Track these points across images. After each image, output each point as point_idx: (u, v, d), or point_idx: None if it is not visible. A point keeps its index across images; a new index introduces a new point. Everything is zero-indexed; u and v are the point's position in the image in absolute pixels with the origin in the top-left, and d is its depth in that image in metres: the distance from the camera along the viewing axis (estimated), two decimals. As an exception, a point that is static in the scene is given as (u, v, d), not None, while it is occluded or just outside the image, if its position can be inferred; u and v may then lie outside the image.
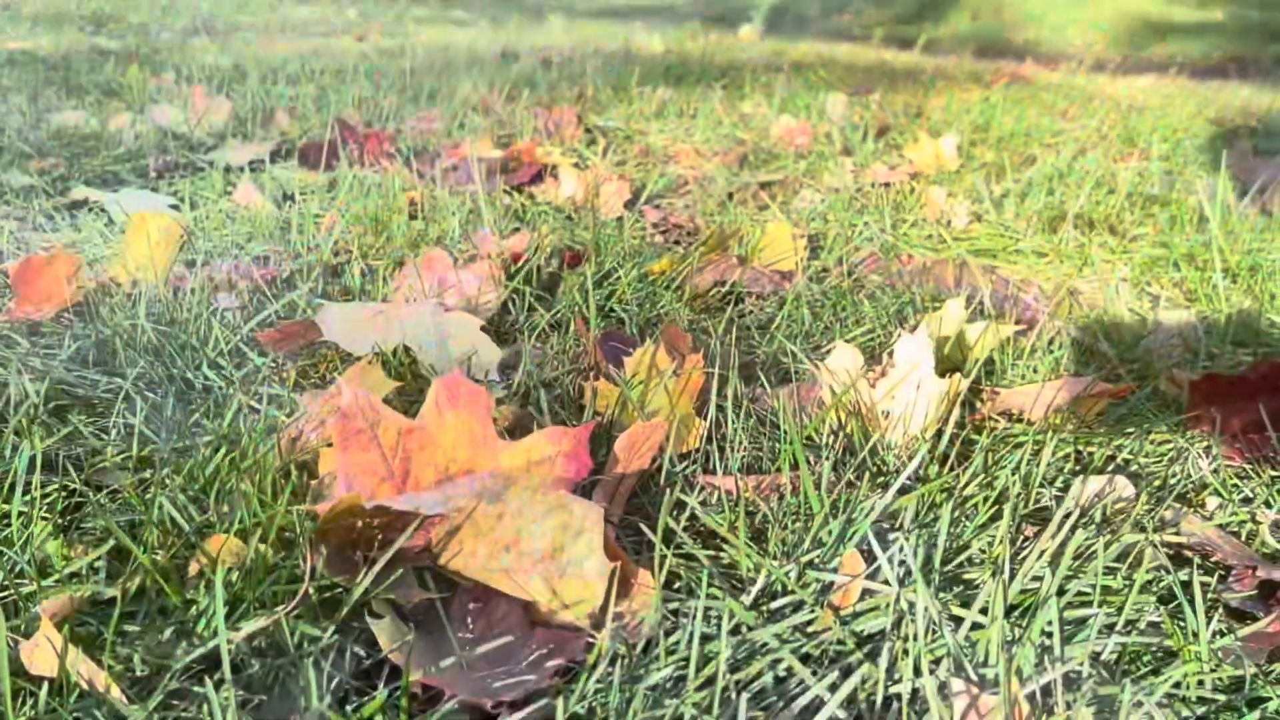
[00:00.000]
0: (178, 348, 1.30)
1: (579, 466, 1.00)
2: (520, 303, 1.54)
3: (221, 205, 2.08)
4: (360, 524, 0.90)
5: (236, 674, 0.79)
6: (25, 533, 0.92)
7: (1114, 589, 0.94)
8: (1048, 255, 2.10)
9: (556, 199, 2.25)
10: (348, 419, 0.96)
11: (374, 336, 1.28)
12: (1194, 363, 1.54)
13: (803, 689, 0.81)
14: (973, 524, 1.00)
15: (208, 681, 0.69)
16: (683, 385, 1.15)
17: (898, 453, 1.16)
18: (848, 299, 1.68)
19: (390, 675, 0.83)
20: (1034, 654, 0.83)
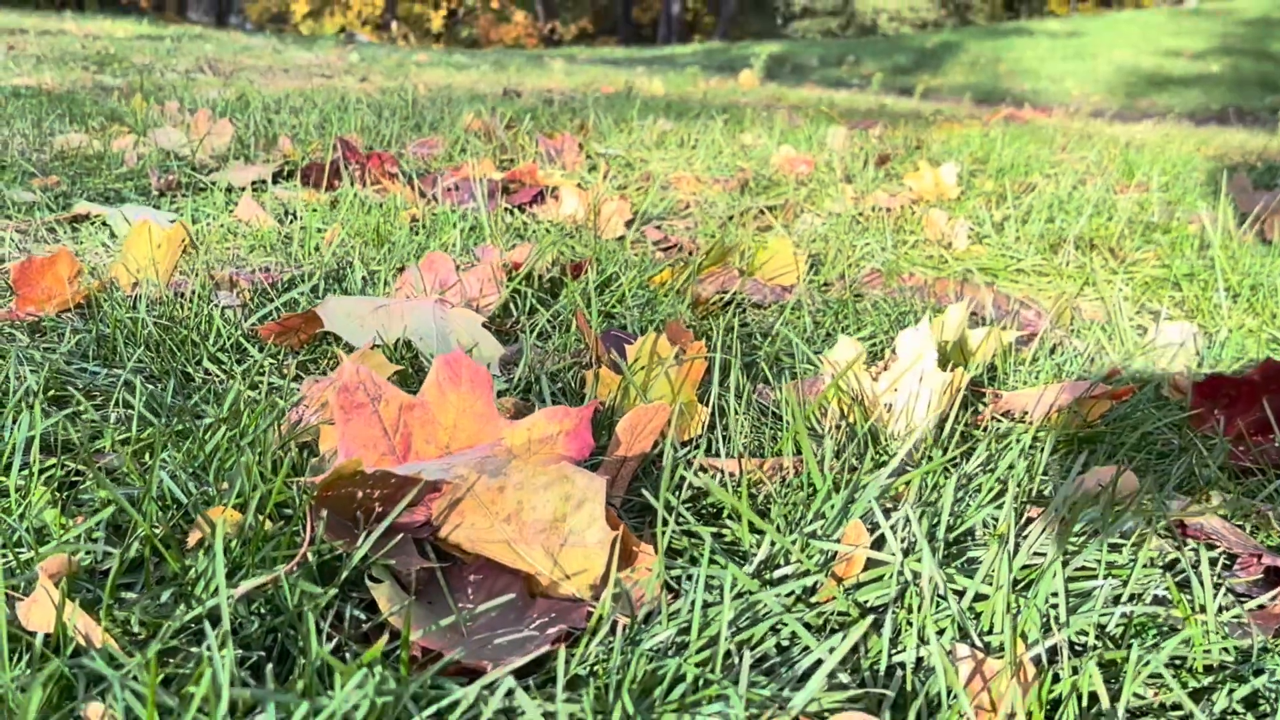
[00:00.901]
0: (178, 342, 1.30)
1: (581, 446, 1.00)
2: (521, 303, 1.53)
3: (223, 220, 2.08)
4: (360, 494, 0.89)
5: (234, 634, 0.78)
6: (23, 503, 0.91)
7: (1119, 564, 0.93)
8: (1049, 275, 2.11)
9: (558, 217, 2.26)
10: (349, 392, 0.96)
11: (375, 329, 1.27)
12: (1196, 370, 1.54)
13: (805, 653, 0.81)
14: (976, 503, 0.99)
15: (209, 631, 0.68)
16: (685, 373, 1.15)
17: (900, 442, 1.15)
18: (849, 308, 1.68)
19: (390, 640, 0.82)
20: (1039, 622, 0.82)
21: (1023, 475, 1.04)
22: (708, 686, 0.75)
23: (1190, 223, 2.58)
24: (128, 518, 0.93)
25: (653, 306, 1.59)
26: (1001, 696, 0.75)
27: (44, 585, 0.76)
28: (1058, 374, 1.47)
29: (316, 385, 1.14)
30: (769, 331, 1.56)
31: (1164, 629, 0.87)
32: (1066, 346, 1.61)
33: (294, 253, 1.83)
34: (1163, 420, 1.31)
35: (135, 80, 4.70)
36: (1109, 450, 1.22)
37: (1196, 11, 22.56)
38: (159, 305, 1.41)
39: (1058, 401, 1.30)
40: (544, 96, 4.89)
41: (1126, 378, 1.47)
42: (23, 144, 2.69)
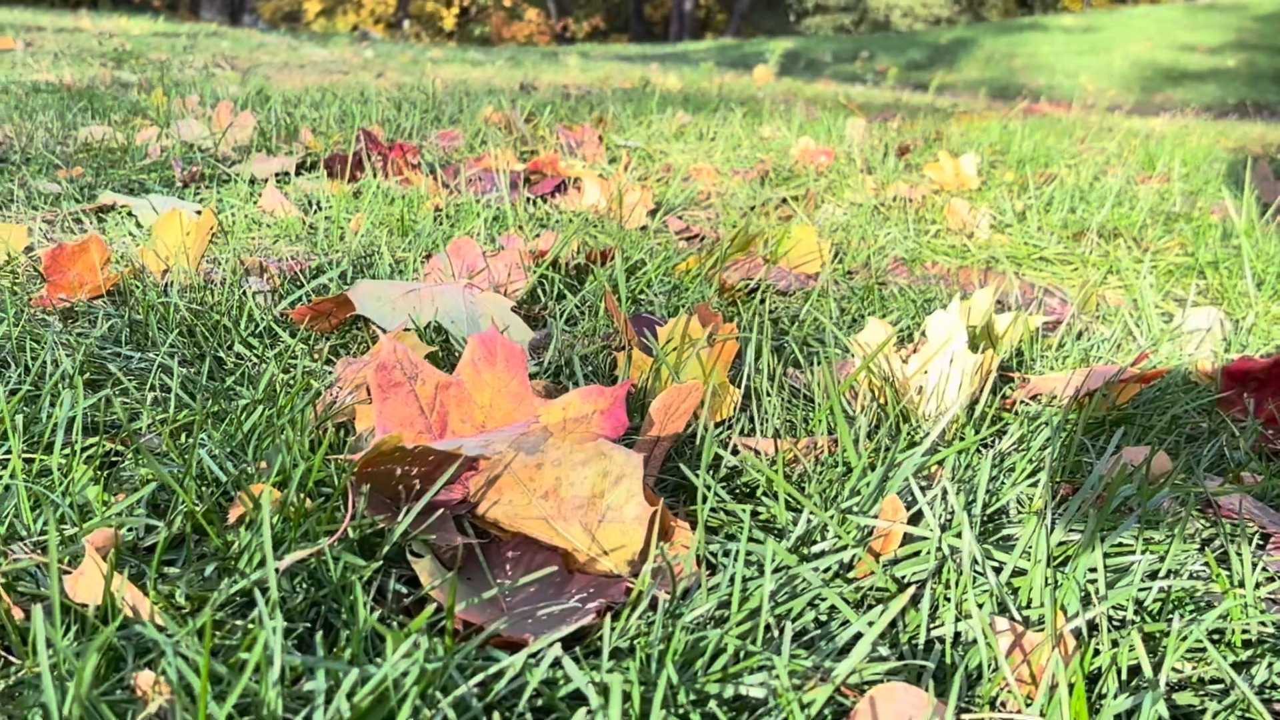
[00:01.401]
0: (209, 327, 1.31)
1: (615, 424, 1.00)
2: (549, 289, 1.54)
3: (248, 211, 2.09)
4: (399, 470, 0.90)
5: (279, 606, 0.78)
6: (65, 480, 0.92)
7: (1155, 540, 0.93)
8: (1072, 263, 2.10)
9: (580, 207, 2.26)
10: (386, 370, 0.97)
11: (406, 312, 1.28)
12: (1225, 354, 1.54)
13: (845, 627, 0.81)
14: (1010, 481, 0.99)
15: (259, 599, 0.69)
16: (717, 354, 1.15)
17: (931, 423, 1.16)
18: (874, 294, 1.68)
19: (431, 614, 0.82)
20: (1078, 595, 0.82)
21: (1056, 454, 1.04)
22: (749, 657, 0.76)
23: (1212, 212, 2.58)
24: (167, 497, 0.94)
25: (679, 293, 1.59)
26: (1042, 668, 0.75)
27: (91, 558, 0.77)
28: (1085, 359, 1.47)
29: (350, 367, 1.14)
30: (796, 317, 1.56)
31: (1201, 604, 0.87)
32: (1093, 332, 1.61)
33: (320, 242, 1.84)
34: (1192, 404, 1.30)
35: (153, 76, 4.71)
36: (1139, 433, 1.22)
37: (1212, 6, 22.45)
38: (190, 291, 1.42)
39: (1086, 385, 1.30)
40: (561, 91, 4.90)
41: (1154, 362, 1.47)
42: (46, 137, 2.71)
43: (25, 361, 1.19)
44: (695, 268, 1.71)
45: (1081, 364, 1.45)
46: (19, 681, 0.71)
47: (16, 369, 1.18)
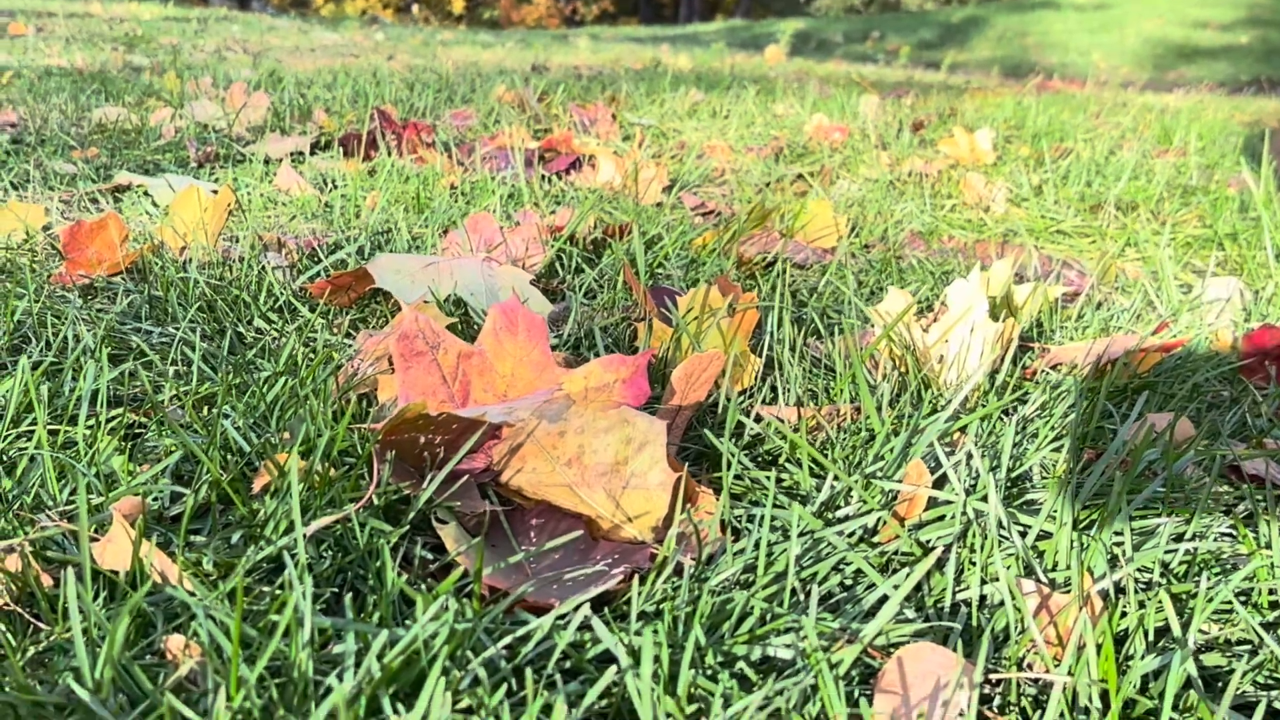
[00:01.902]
0: (229, 302, 1.31)
1: (637, 393, 1.00)
2: (567, 263, 1.54)
3: (263, 190, 2.09)
4: (423, 439, 0.90)
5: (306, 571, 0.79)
6: (90, 451, 0.92)
7: (1180, 502, 0.93)
8: (1090, 235, 2.10)
9: (595, 184, 2.26)
10: (409, 340, 0.97)
11: (426, 285, 1.28)
12: (1244, 324, 1.53)
13: (870, 590, 0.81)
14: (1034, 447, 0.99)
15: (289, 562, 0.69)
16: (737, 323, 1.15)
17: (952, 391, 1.15)
18: (892, 266, 1.67)
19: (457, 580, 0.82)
20: (1104, 557, 0.82)
21: (1079, 420, 1.03)
22: (776, 619, 0.76)
23: (1229, 185, 2.57)
24: (191, 468, 0.94)
25: (696, 266, 1.59)
26: (1069, 630, 0.75)
27: (119, 525, 0.77)
28: (1105, 329, 1.47)
29: (371, 339, 1.14)
30: (814, 289, 1.56)
31: (1227, 566, 0.87)
32: (1112, 303, 1.61)
33: (336, 219, 1.84)
34: (1213, 372, 1.30)
35: (165, 60, 4.71)
36: (1160, 400, 1.21)
37: (1224, -18, 22.28)
38: (209, 267, 1.42)
39: (1107, 354, 1.29)
40: (572, 72, 4.89)
41: (1174, 332, 1.47)
42: (61, 118, 2.71)
43: (46, 337, 1.20)
44: (712, 242, 1.71)
45: (1101, 334, 1.44)
46: (49, 647, 0.71)
47: (38, 344, 1.18)
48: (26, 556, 0.74)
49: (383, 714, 0.64)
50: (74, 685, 0.62)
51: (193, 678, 0.67)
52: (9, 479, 0.88)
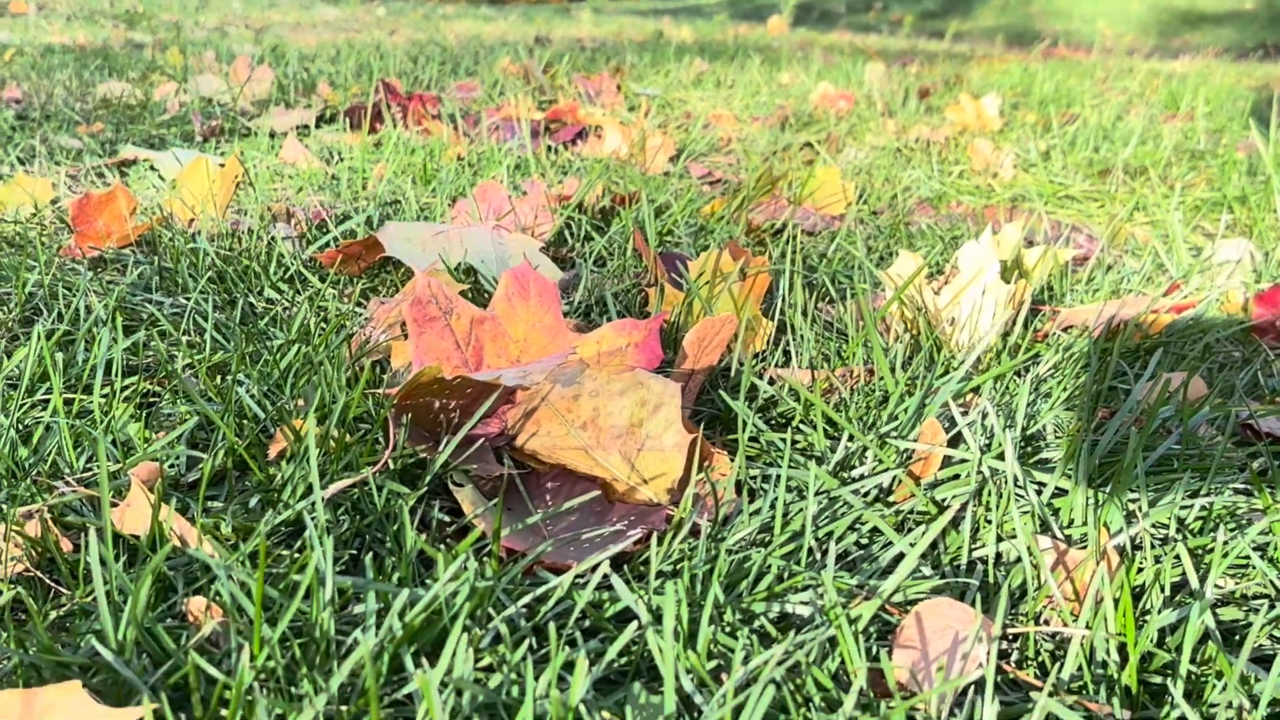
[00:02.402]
0: (239, 272, 1.31)
1: (650, 357, 1.00)
2: (576, 231, 1.54)
3: (269, 163, 2.08)
4: (437, 403, 0.90)
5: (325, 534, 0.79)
6: (106, 419, 0.92)
7: (1196, 455, 0.93)
8: (1099, 200, 2.09)
9: (601, 154, 2.26)
10: (422, 305, 0.97)
11: (436, 253, 1.28)
12: (1255, 285, 1.53)
13: (886, 549, 0.81)
14: (1047, 406, 0.99)
15: (309, 522, 0.69)
16: (749, 287, 1.15)
17: (964, 353, 1.15)
18: (901, 232, 1.67)
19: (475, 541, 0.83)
20: (1120, 513, 0.82)
21: (1093, 380, 1.03)
22: (793, 577, 0.76)
23: (1238, 149, 2.56)
24: (205, 436, 0.95)
25: (705, 234, 1.59)
26: (1085, 585, 0.75)
27: (138, 490, 0.77)
28: (1115, 291, 1.47)
29: (383, 307, 1.14)
30: (824, 254, 1.56)
31: (1242, 522, 0.87)
32: (1122, 265, 1.60)
33: (343, 191, 1.84)
34: (1224, 332, 1.30)
35: (166, 36, 4.70)
36: (1173, 360, 1.21)
37: (1229, -52, 22.13)
38: (218, 238, 1.42)
39: (1119, 316, 1.29)
40: (575, 44, 4.87)
41: (1185, 293, 1.46)
42: (65, 94, 2.70)
43: (58, 309, 1.20)
44: (720, 210, 1.71)
45: (1112, 297, 1.44)
46: (69, 612, 0.71)
47: (50, 315, 1.18)
48: (46, 522, 0.75)
49: (404, 672, 0.64)
50: (98, 646, 0.63)
51: (214, 639, 0.68)
52: (25, 447, 0.88)
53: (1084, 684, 0.69)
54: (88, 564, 0.74)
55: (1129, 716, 0.67)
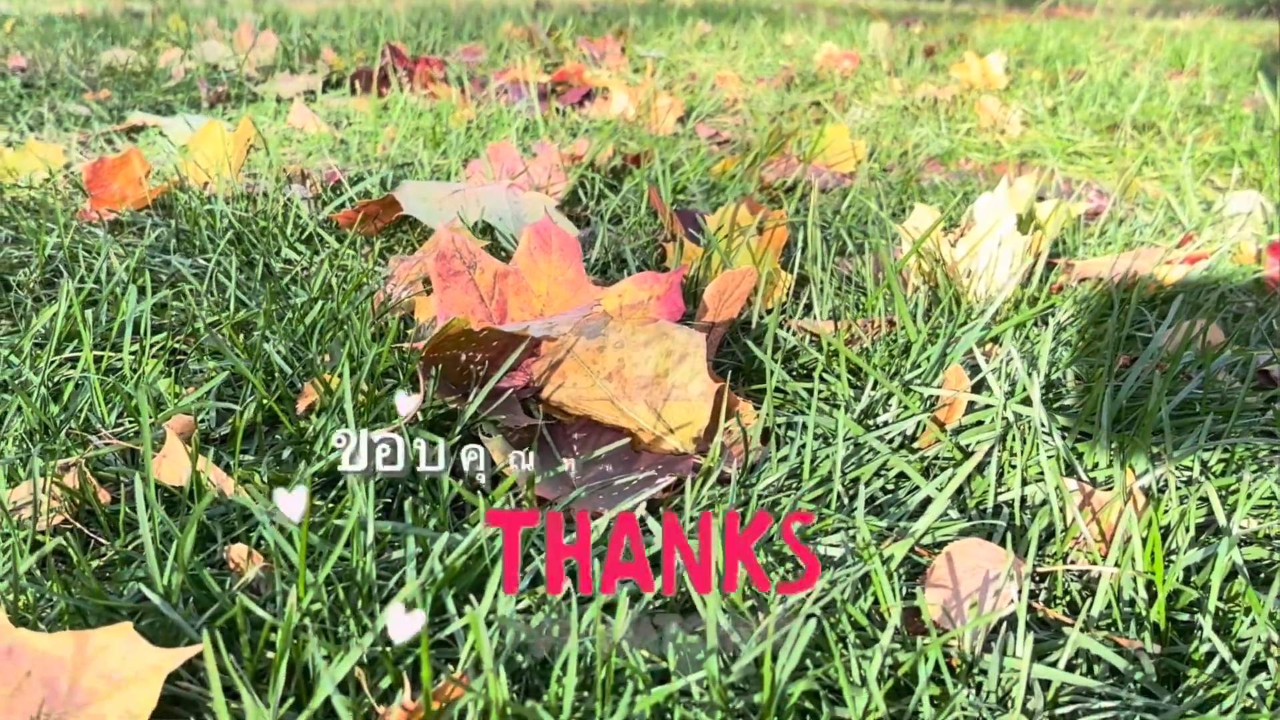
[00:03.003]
0: (256, 233, 1.31)
1: (671, 310, 1.01)
2: (590, 190, 1.54)
3: (277, 128, 2.08)
4: (463, 356, 0.91)
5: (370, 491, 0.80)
6: (135, 375, 0.93)
7: (1218, 399, 0.94)
8: (1107, 155, 2.09)
9: (609, 115, 2.25)
10: (446, 259, 0.97)
11: (453, 212, 1.28)
12: (1266, 236, 1.53)
13: (913, 493, 0.82)
14: (1068, 354, 1.00)
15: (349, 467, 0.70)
16: (767, 240, 1.16)
17: (982, 304, 1.16)
18: (913, 187, 1.67)
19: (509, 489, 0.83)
20: (1145, 457, 0.83)
21: (1115, 325, 1.04)
22: (823, 520, 0.77)
23: (1244, 104, 2.56)
24: (233, 392, 0.95)
25: (718, 191, 1.59)
26: (1112, 526, 0.76)
27: (174, 441, 0.78)
28: (1129, 244, 1.47)
29: (404, 264, 1.15)
30: (837, 210, 1.56)
31: (1264, 464, 0.88)
32: (1134, 218, 1.61)
33: (353, 154, 1.84)
34: (1238, 282, 1.30)
35: (165, 3, 4.68)
36: (1189, 310, 1.22)
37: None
38: (233, 201, 1.42)
39: (1134, 267, 1.30)
40: (576, 8, 4.84)
41: (1198, 245, 1.47)
42: (69, 62, 2.70)
43: (80, 271, 1.20)
44: (732, 168, 1.71)
45: (1126, 249, 1.45)
46: (110, 561, 0.72)
47: (71, 278, 1.19)
48: (84, 473, 0.75)
49: (445, 614, 0.65)
50: (145, 590, 0.64)
51: (256, 584, 0.68)
52: (55, 405, 0.89)
53: (1113, 621, 0.71)
54: (128, 513, 0.75)
55: (1159, 650, 0.68)
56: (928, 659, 0.62)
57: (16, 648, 0.57)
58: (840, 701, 0.62)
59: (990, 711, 0.62)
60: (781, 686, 0.59)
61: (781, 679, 0.58)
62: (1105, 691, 0.65)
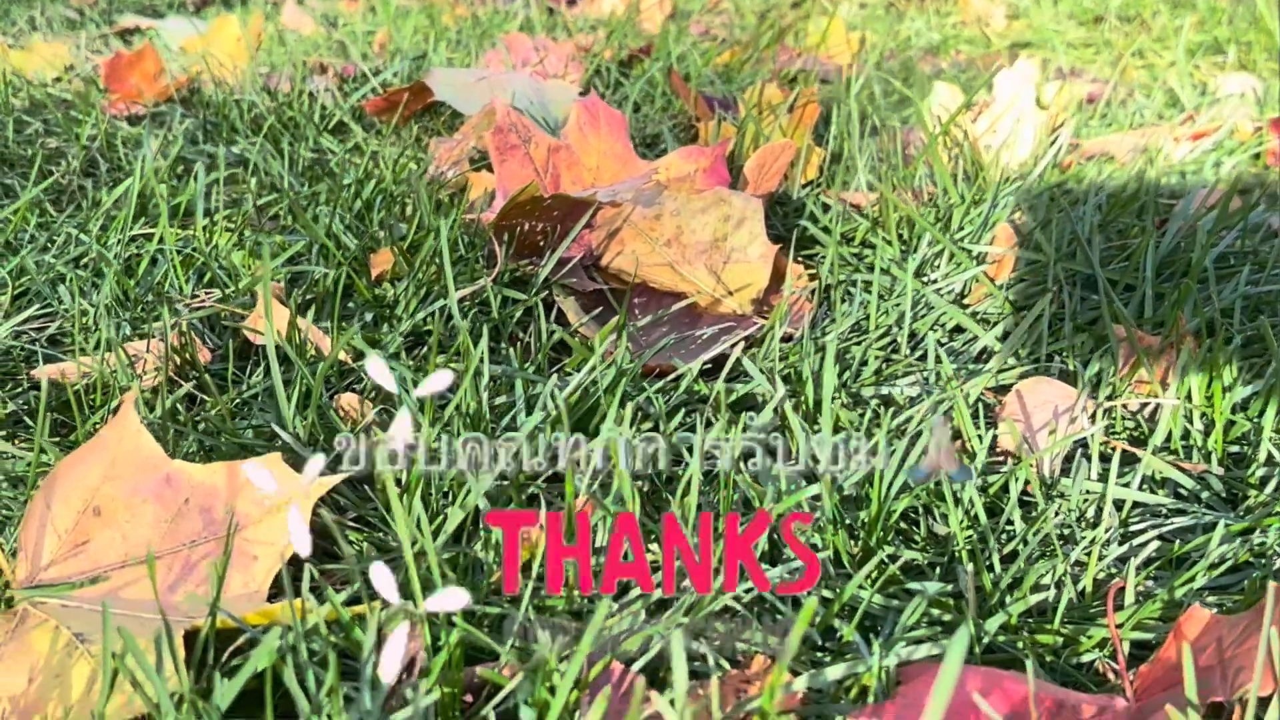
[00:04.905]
0: (283, 123, 1.32)
1: (717, 181, 1.04)
2: (606, 78, 1.56)
3: (270, 31, 2.08)
4: (527, 226, 0.94)
5: (441, 348, 0.83)
6: (209, 248, 0.95)
7: (1252, 253, 0.98)
8: (1093, 45, 2.13)
9: (601, 14, 2.26)
10: (503, 133, 1.00)
11: (482, 98, 1.30)
12: (1260, 116, 1.58)
13: (971, 343, 0.86)
14: (1104, 214, 1.04)
15: (457, 315, 0.73)
16: (799, 117, 1.19)
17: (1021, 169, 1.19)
18: (915, 74, 1.70)
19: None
20: (1191, 301, 0.87)
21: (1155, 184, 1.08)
22: (893, 365, 0.81)
23: None
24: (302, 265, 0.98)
25: (728, 78, 1.61)
26: (1165, 366, 0.81)
27: (268, 301, 0.81)
28: (1132, 124, 1.51)
29: (444, 145, 1.17)
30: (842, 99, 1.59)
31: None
32: (1133, 101, 1.65)
33: (352, 53, 1.84)
34: (1243, 155, 1.35)
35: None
36: (1199, 181, 1.26)
37: None
38: (257, 93, 1.43)
39: (1139, 144, 1.34)
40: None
41: (1199, 124, 1.51)
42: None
43: (115, 159, 1.22)
44: (732, 60, 1.73)
45: (1131, 130, 1.49)
46: (219, 414, 0.75)
47: (106, 164, 1.20)
48: (188, 333, 0.78)
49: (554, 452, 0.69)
50: (277, 429, 0.67)
51: (369, 428, 0.72)
52: (130, 279, 0.91)
53: (1174, 450, 0.75)
54: (234, 371, 0.78)
55: (1222, 473, 0.72)
56: (1018, 477, 0.67)
57: (174, 476, 0.60)
58: (937, 519, 0.66)
59: (1076, 525, 0.67)
60: (887, 504, 0.63)
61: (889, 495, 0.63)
62: (1176, 508, 0.69)
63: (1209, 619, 0.54)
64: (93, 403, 0.74)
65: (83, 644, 0.52)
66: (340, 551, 0.62)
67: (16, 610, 0.54)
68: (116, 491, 0.59)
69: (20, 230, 0.99)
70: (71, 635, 0.52)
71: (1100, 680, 0.57)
